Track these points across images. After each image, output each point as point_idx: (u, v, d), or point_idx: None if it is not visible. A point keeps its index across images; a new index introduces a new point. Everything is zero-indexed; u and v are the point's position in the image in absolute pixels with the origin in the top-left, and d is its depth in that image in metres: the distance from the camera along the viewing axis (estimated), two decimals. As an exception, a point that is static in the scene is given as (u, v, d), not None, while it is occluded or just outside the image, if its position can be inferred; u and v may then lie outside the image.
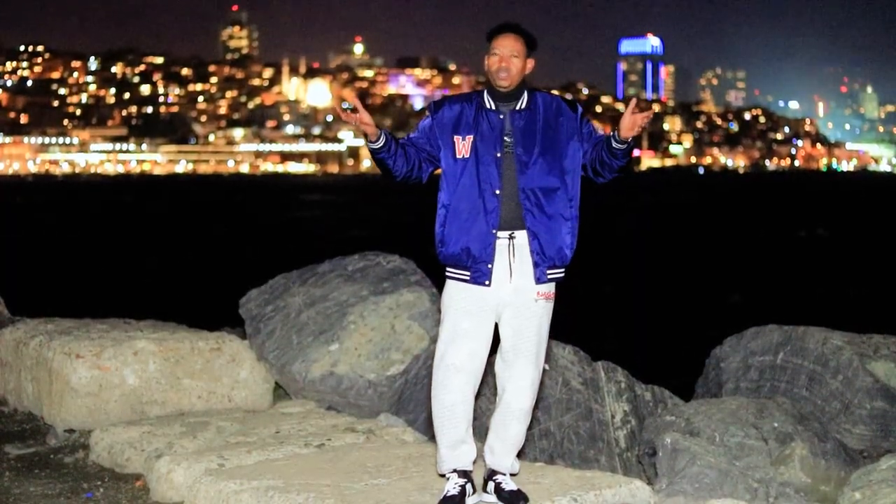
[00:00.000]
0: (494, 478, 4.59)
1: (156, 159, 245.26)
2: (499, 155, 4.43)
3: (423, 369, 6.81)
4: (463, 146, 4.45)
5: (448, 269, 4.51)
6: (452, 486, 4.49)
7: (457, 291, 4.48)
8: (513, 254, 4.43)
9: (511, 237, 4.43)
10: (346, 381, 6.68)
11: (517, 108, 4.50)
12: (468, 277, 4.44)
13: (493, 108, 4.50)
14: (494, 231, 4.41)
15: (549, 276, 4.49)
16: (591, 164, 4.54)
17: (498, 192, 4.41)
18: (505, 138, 4.45)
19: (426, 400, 6.81)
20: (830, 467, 5.46)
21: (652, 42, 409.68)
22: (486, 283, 4.41)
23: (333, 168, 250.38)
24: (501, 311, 4.48)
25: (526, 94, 4.52)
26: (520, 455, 4.77)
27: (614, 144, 4.42)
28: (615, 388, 6.49)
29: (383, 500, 4.59)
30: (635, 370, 6.81)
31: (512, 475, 4.64)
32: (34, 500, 5.32)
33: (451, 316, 4.48)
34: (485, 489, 4.62)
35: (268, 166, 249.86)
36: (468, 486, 4.52)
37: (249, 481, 4.88)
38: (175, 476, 5.23)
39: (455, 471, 4.52)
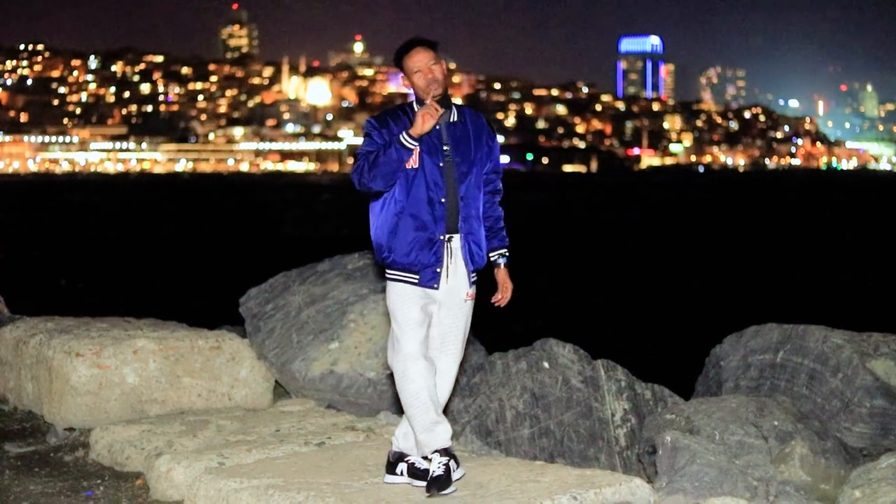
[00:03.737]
0: (406, 459, 4.77)
1: (156, 158, 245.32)
2: (441, 165, 4.64)
3: (423, 368, 6.81)
4: (412, 158, 4.61)
5: (394, 272, 4.67)
6: (437, 466, 4.61)
7: (404, 289, 4.65)
8: (450, 256, 4.66)
9: (449, 240, 4.66)
10: (345, 379, 6.68)
11: (450, 119, 4.72)
12: (417, 280, 4.63)
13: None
14: (442, 237, 4.63)
15: (473, 280, 4.75)
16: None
17: (444, 199, 4.63)
18: (444, 147, 4.67)
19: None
20: (830, 465, 5.46)
21: (652, 41, 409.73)
22: (435, 286, 4.64)
23: (333, 167, 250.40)
24: (434, 309, 4.69)
25: (454, 107, 4.76)
26: (518, 454, 4.77)
27: (491, 255, 4.79)
28: (615, 387, 6.49)
29: (383, 498, 4.59)
30: (635, 369, 6.81)
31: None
32: (34, 498, 5.32)
33: (402, 308, 4.64)
34: (392, 472, 4.79)
35: (267, 165, 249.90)
36: (451, 463, 4.65)
37: (249, 480, 4.88)
38: (175, 474, 5.23)
39: (436, 451, 4.63)
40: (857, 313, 20.39)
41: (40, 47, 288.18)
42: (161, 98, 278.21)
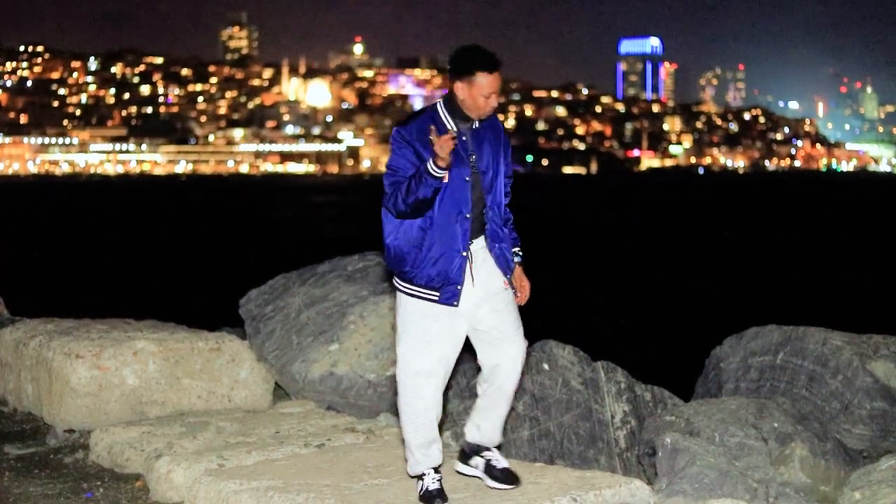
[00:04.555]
0: (482, 454, 4.70)
1: (155, 159, 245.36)
2: (468, 178, 4.50)
3: (422, 369, 6.81)
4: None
5: (413, 287, 4.53)
6: (431, 482, 4.59)
7: (421, 305, 4.53)
8: (471, 260, 4.56)
9: (470, 246, 4.55)
10: (345, 381, 6.68)
11: (473, 126, 4.57)
12: (437, 298, 4.51)
13: (455, 128, 4.53)
14: (465, 254, 4.51)
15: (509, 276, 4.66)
16: None
17: (468, 214, 4.51)
18: (471, 158, 4.54)
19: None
20: (830, 467, 5.46)
21: (652, 42, 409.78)
22: (455, 303, 4.51)
23: (333, 168, 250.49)
24: (474, 310, 4.58)
25: None
26: (518, 456, 4.79)
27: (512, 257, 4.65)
28: (615, 388, 6.49)
29: (383, 500, 4.59)
30: (635, 370, 6.81)
31: (497, 448, 4.75)
32: (34, 500, 5.32)
33: (419, 324, 4.52)
34: (467, 462, 4.74)
35: (267, 166, 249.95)
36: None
37: (249, 481, 4.88)
38: (175, 476, 5.23)
39: (432, 468, 4.62)
40: (857, 314, 20.40)
41: (40, 49, 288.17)
42: (161, 100, 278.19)
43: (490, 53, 4.49)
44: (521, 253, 4.72)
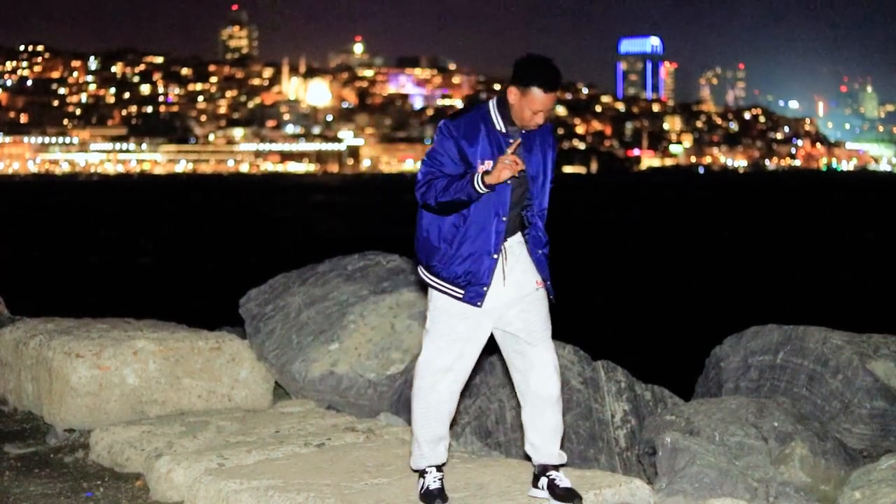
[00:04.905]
0: (548, 474, 4.59)
1: (156, 159, 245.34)
2: (509, 181, 4.42)
3: (423, 369, 6.80)
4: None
5: (440, 282, 4.50)
6: (433, 480, 4.56)
7: (450, 301, 4.51)
8: (505, 258, 4.50)
9: (503, 244, 4.48)
10: (345, 380, 6.68)
11: (524, 130, 4.49)
12: (461, 296, 4.47)
13: (504, 130, 4.47)
14: (496, 256, 4.46)
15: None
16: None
17: (505, 217, 4.44)
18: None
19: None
20: (830, 467, 5.46)
21: (652, 42, 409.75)
22: (479, 304, 4.46)
23: (333, 167, 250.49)
24: (503, 311, 4.52)
25: None
26: (519, 455, 4.77)
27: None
28: (615, 388, 6.49)
29: (383, 499, 4.59)
30: (635, 370, 6.81)
31: (561, 466, 4.65)
32: (34, 499, 5.32)
33: (445, 322, 4.50)
34: (535, 485, 4.63)
35: (267, 166, 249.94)
36: (442, 481, 4.61)
37: (249, 481, 4.88)
38: (175, 475, 5.23)
39: (434, 465, 4.60)
40: (857, 313, 20.40)
41: (40, 48, 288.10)
42: (161, 99, 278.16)
43: (554, 72, 4.39)
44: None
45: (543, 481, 4.59)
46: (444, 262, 4.47)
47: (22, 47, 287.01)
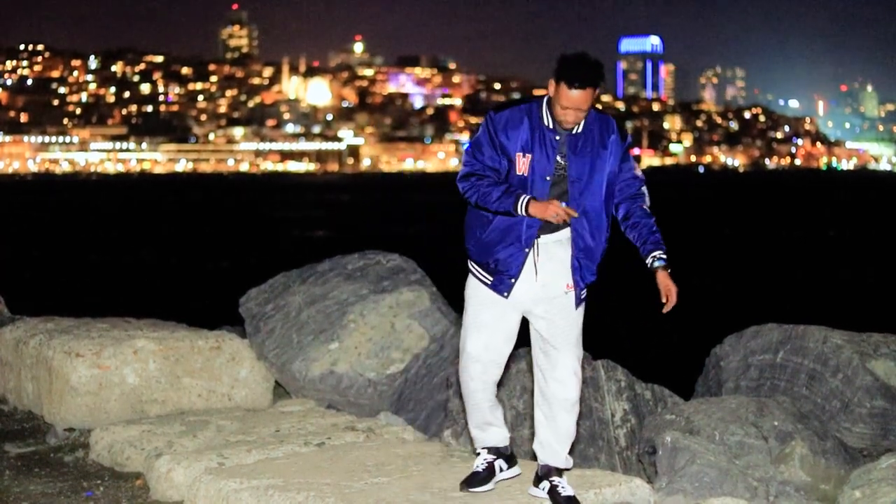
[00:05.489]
0: (551, 479, 4.59)
1: (156, 158, 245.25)
2: (548, 178, 4.43)
3: (423, 368, 6.81)
4: (523, 164, 4.44)
5: (474, 265, 4.58)
6: (480, 463, 4.65)
7: (477, 286, 4.58)
8: (537, 253, 4.50)
9: (538, 239, 4.47)
10: (346, 379, 6.68)
11: (574, 130, 4.47)
12: (489, 283, 4.53)
13: (551, 126, 4.47)
14: (527, 250, 4.47)
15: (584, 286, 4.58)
16: (621, 217, 4.64)
17: None
18: (559, 159, 4.46)
19: (426, 398, 6.83)
20: (830, 466, 5.46)
21: (652, 41, 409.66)
22: (505, 294, 4.49)
23: (333, 167, 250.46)
24: (530, 307, 4.54)
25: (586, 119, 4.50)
26: (518, 454, 4.77)
27: (647, 260, 4.57)
28: (615, 387, 6.49)
29: (383, 498, 4.59)
30: (635, 369, 6.81)
31: (565, 470, 4.65)
32: (34, 498, 5.32)
33: (473, 307, 4.59)
34: (537, 485, 4.63)
35: (268, 165, 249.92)
36: (498, 463, 4.65)
37: (249, 480, 4.88)
38: (175, 475, 5.23)
39: (486, 448, 4.66)
40: (857, 313, 20.39)
41: (40, 47, 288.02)
42: (161, 98, 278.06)
43: (584, 70, 4.33)
44: (662, 257, 4.55)
45: (545, 485, 4.59)
46: (479, 248, 4.54)
47: (22, 47, 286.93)
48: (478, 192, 4.44)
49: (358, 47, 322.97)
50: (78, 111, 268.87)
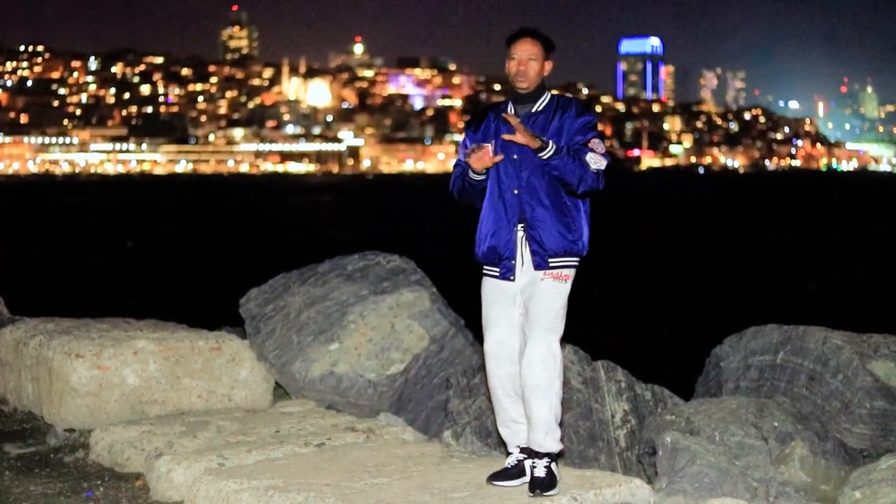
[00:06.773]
0: (533, 460, 4.70)
1: (156, 159, 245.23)
2: (515, 157, 4.67)
3: (423, 369, 6.81)
4: (497, 154, 4.69)
5: (484, 266, 4.78)
6: (511, 460, 4.76)
7: (486, 283, 4.77)
8: (524, 244, 4.68)
9: (522, 229, 4.68)
10: (346, 380, 6.68)
11: (533, 110, 4.73)
12: (497, 274, 4.71)
13: (513, 111, 4.75)
14: (515, 229, 4.67)
15: (552, 264, 4.67)
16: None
17: (516, 191, 4.66)
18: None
19: (426, 399, 6.83)
20: (830, 466, 5.46)
21: (652, 42, 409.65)
22: (512, 278, 4.68)
23: (333, 168, 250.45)
24: (521, 298, 4.71)
25: (547, 97, 4.77)
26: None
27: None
28: (615, 388, 6.49)
29: (383, 499, 4.59)
30: (635, 369, 6.81)
31: (549, 456, 4.66)
32: (34, 499, 5.32)
33: (484, 305, 4.78)
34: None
35: (268, 166, 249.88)
36: (529, 462, 4.70)
37: (249, 481, 4.88)
38: (175, 475, 5.23)
39: (518, 447, 4.76)
40: (857, 313, 20.39)
41: (40, 48, 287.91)
42: (161, 99, 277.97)
43: (520, 29, 4.79)
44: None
45: (527, 465, 4.72)
46: (478, 242, 4.78)
47: (22, 47, 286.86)
48: (455, 185, 4.81)
49: (358, 48, 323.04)
50: (78, 112, 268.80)
